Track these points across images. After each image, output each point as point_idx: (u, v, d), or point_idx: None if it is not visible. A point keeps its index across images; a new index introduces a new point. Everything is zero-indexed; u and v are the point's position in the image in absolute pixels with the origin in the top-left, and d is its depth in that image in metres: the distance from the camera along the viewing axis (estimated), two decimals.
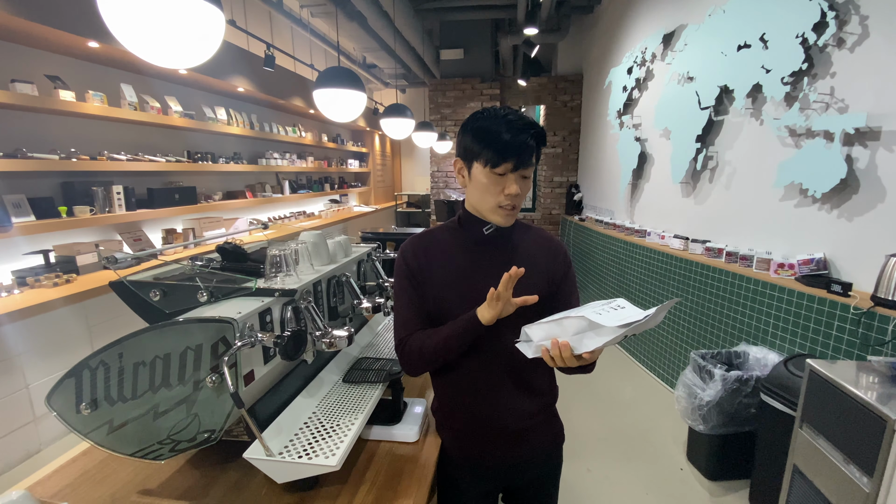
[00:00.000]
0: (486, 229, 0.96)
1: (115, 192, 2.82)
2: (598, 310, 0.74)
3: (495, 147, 0.86)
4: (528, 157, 0.88)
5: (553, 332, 0.76)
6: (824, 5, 1.91)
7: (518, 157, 0.87)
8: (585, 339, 0.72)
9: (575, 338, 0.74)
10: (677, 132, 3.05)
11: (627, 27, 4.09)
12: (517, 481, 1.07)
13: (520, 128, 0.86)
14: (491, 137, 0.87)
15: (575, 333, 0.74)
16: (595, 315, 0.71)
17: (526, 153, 0.87)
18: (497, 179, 0.89)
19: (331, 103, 2.16)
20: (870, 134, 1.79)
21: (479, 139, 0.88)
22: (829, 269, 2.01)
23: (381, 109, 5.66)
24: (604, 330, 0.70)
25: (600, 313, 0.72)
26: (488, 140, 0.87)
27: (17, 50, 2.41)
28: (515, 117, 0.88)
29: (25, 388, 2.02)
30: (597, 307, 0.75)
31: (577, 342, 0.73)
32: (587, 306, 0.77)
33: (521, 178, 0.90)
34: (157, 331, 0.84)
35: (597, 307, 0.75)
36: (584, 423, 2.60)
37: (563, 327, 0.75)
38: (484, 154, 0.88)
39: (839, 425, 1.30)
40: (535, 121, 0.91)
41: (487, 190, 0.90)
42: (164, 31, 0.93)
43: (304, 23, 4.32)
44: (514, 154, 0.86)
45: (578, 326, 0.72)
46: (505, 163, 0.87)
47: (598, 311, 0.73)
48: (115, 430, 0.87)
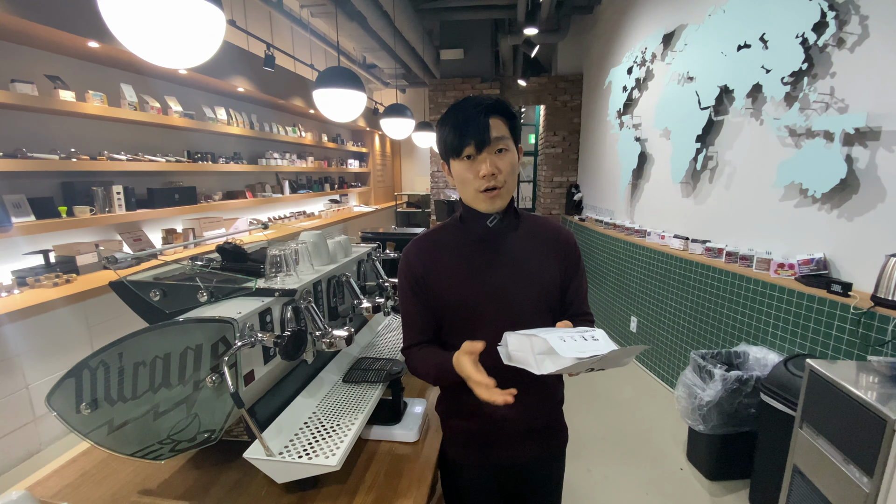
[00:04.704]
0: (489, 221, 0.94)
1: (115, 192, 2.82)
2: (568, 335, 0.73)
3: (453, 135, 0.87)
4: (485, 132, 0.86)
5: (523, 346, 0.75)
6: (824, 5, 1.91)
7: (476, 136, 0.85)
8: (547, 360, 0.71)
9: (538, 356, 0.72)
10: (677, 132, 3.04)
11: (627, 27, 4.09)
12: (522, 482, 1.06)
13: (470, 108, 0.86)
14: (448, 128, 0.88)
15: (539, 353, 0.72)
16: (558, 341, 0.70)
17: (482, 129, 0.85)
18: (469, 165, 0.88)
19: (331, 103, 2.16)
20: (870, 134, 1.79)
21: (442, 134, 0.90)
22: (829, 269, 2.01)
23: (381, 109, 5.67)
24: (560, 359, 0.68)
25: (564, 340, 0.71)
26: (447, 132, 0.88)
27: (17, 50, 2.41)
28: (467, 101, 0.88)
29: (25, 388, 2.02)
30: (570, 333, 0.74)
31: (539, 362, 0.72)
32: (564, 331, 0.75)
33: (497, 155, 0.88)
34: (157, 331, 0.84)
35: (570, 333, 0.74)
36: (585, 423, 2.60)
37: (531, 343, 0.73)
38: (449, 146, 0.88)
39: (839, 425, 1.30)
40: (490, 96, 0.90)
41: (465, 180, 0.90)
42: (164, 31, 0.94)
43: (304, 23, 4.32)
44: (471, 135, 0.85)
45: (543, 347, 0.71)
46: (466, 146, 0.86)
47: (564, 338, 0.71)
48: (116, 430, 0.87)
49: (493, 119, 0.87)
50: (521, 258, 0.95)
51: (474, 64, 6.06)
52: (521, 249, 0.96)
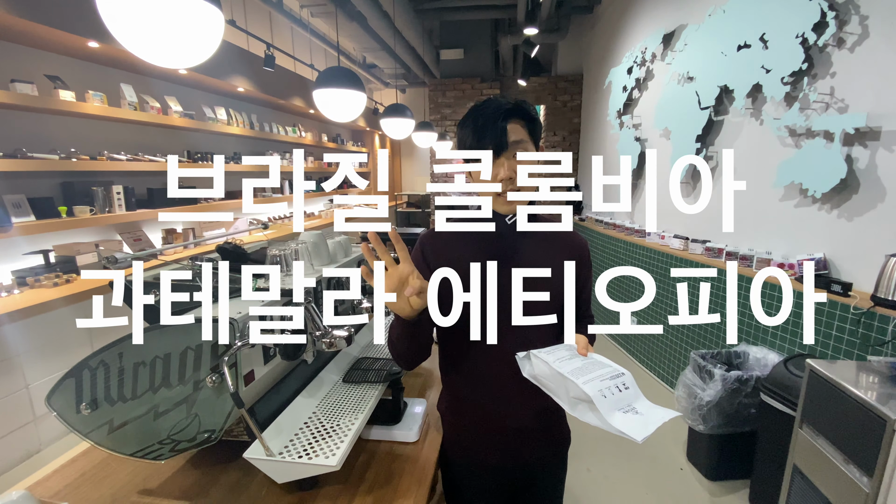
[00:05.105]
0: (507, 219, 0.94)
1: (115, 192, 2.81)
2: (605, 386, 0.69)
3: (472, 138, 0.88)
4: (503, 136, 0.87)
5: (556, 380, 0.74)
6: (824, 5, 1.91)
7: (494, 139, 0.86)
8: (586, 411, 0.70)
9: (573, 399, 0.72)
10: (677, 132, 3.04)
11: (627, 27, 4.09)
12: (523, 484, 1.06)
13: (489, 111, 0.87)
14: (468, 131, 0.89)
15: (574, 396, 0.71)
16: (599, 397, 0.67)
17: (500, 133, 0.86)
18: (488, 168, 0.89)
19: (331, 103, 2.16)
20: (870, 134, 1.79)
21: (462, 136, 0.92)
22: (829, 269, 2.00)
23: (381, 109, 5.66)
24: (601, 419, 0.67)
25: (605, 395, 0.68)
26: (466, 134, 0.89)
27: (17, 50, 2.41)
28: (487, 103, 0.89)
29: (25, 388, 2.02)
30: (606, 381, 0.70)
31: (573, 405, 0.71)
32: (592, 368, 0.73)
33: (516, 159, 0.89)
34: (157, 331, 0.83)
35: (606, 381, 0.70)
36: (585, 423, 2.59)
37: (566, 385, 0.72)
38: (468, 149, 0.89)
39: (839, 425, 1.30)
40: (511, 99, 0.91)
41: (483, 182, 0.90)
42: (163, 31, 0.93)
43: (304, 23, 4.32)
44: (489, 138, 0.86)
45: (580, 395, 0.69)
46: (485, 150, 0.87)
47: (605, 393, 0.68)
48: (116, 430, 0.87)
49: (512, 123, 0.88)
50: (535, 260, 0.94)
51: (474, 64, 6.06)
52: (536, 251, 0.96)
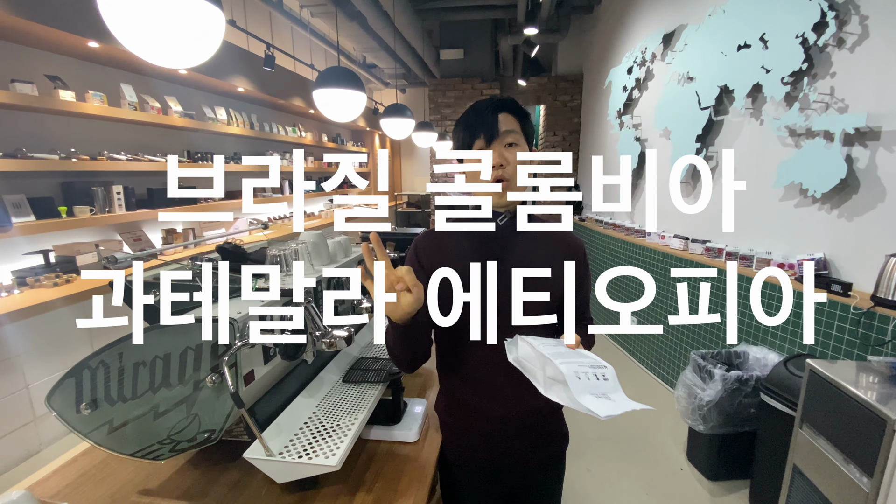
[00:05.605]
0: (500, 220, 0.95)
1: (115, 192, 2.81)
2: (582, 371, 0.70)
3: (466, 132, 0.91)
4: (494, 125, 0.89)
5: (534, 361, 0.76)
6: (824, 5, 1.91)
7: (486, 129, 0.89)
8: (560, 389, 0.70)
9: (548, 379, 0.72)
10: (677, 132, 3.04)
11: (627, 27, 4.09)
12: (522, 484, 1.06)
13: (482, 106, 0.91)
14: (461, 126, 0.93)
15: (549, 376, 0.72)
16: (574, 378, 0.68)
17: (491, 123, 0.89)
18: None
19: (331, 103, 2.16)
20: (870, 134, 1.79)
21: (456, 133, 0.95)
22: (829, 269, 2.00)
23: (381, 109, 5.66)
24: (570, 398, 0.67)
25: (580, 377, 0.68)
26: (460, 129, 0.93)
27: (17, 50, 2.40)
28: (480, 101, 0.93)
29: (25, 388, 2.02)
30: (584, 366, 0.71)
31: (548, 386, 0.72)
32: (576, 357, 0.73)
33: (507, 148, 0.90)
34: (157, 331, 0.83)
35: (584, 366, 0.71)
36: (584, 423, 2.60)
37: (543, 364, 0.73)
38: (462, 142, 0.93)
39: (839, 425, 1.30)
40: (504, 96, 0.95)
41: (475, 173, 0.91)
42: (164, 31, 0.93)
43: (304, 23, 4.32)
44: (480, 128, 0.89)
45: (555, 375, 0.70)
46: (476, 139, 0.90)
47: (580, 375, 0.69)
48: (116, 430, 0.87)
49: (504, 115, 0.91)
50: (529, 260, 0.94)
51: (474, 64, 6.06)
52: (530, 251, 0.95)
